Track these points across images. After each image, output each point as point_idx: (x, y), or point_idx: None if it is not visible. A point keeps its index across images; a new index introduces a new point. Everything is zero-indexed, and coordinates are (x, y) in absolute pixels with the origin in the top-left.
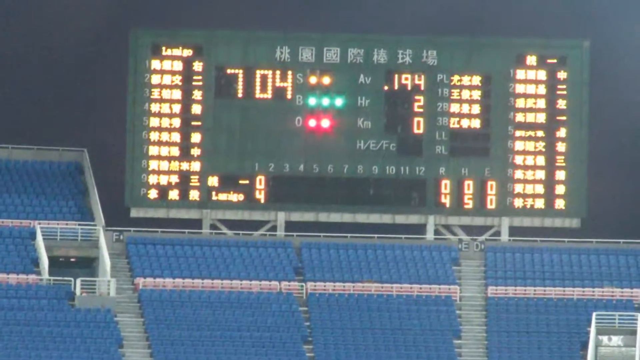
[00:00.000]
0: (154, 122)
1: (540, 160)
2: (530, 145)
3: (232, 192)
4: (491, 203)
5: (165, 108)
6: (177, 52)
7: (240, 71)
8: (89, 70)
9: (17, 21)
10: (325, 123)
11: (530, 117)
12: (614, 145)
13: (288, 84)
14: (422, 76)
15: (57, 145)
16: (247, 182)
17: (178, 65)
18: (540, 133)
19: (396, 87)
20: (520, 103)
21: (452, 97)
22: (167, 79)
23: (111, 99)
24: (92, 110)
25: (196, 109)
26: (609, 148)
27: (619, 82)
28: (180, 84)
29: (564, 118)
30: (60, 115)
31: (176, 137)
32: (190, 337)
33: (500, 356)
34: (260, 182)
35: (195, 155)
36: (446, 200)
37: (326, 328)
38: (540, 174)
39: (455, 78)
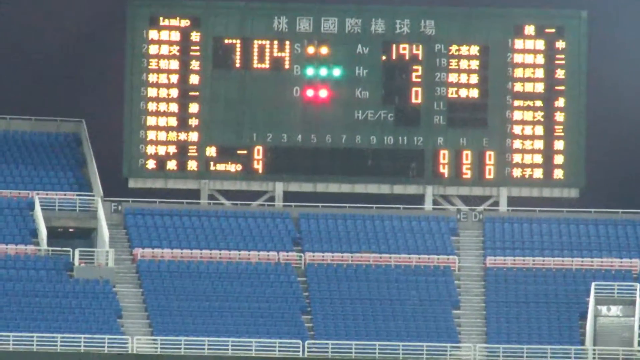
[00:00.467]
0: (151, 92)
1: (539, 130)
2: (528, 115)
3: (230, 163)
4: (489, 173)
5: (162, 78)
6: (174, 22)
7: (238, 42)
8: (87, 41)
9: None
10: (323, 93)
11: (529, 87)
12: (613, 115)
13: (286, 55)
14: (420, 46)
15: (55, 116)
16: (245, 152)
17: (176, 36)
18: (538, 103)
19: (394, 57)
20: (518, 73)
21: (450, 67)
22: (164, 50)
23: (109, 69)
24: (90, 81)
25: (194, 79)
26: (607, 118)
27: (616, 52)
28: (177, 54)
29: (562, 88)
30: (58, 86)
31: (174, 107)
32: (188, 307)
33: (498, 326)
34: (258, 153)
35: (193, 126)
36: (444, 171)
37: (324, 298)
38: (539, 144)
39: (454, 48)
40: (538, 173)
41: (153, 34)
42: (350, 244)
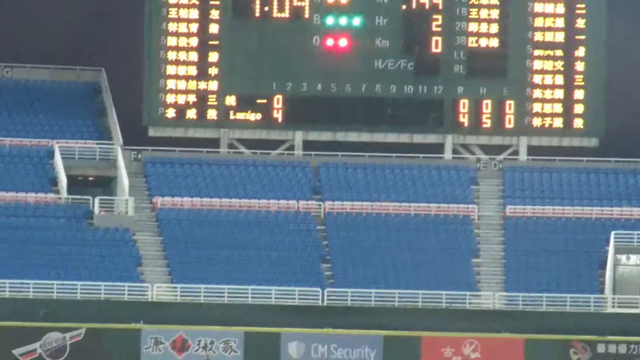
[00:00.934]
0: (171, 41)
1: (559, 80)
2: (548, 65)
3: (249, 112)
4: (509, 122)
5: (182, 27)
6: None
7: None
8: None
9: None
10: (343, 42)
11: (549, 37)
12: (633, 64)
13: (305, 4)
14: None
15: (75, 64)
16: (264, 101)
17: None
18: (558, 52)
19: (414, 6)
20: (538, 22)
21: (470, 17)
22: None
23: (129, 18)
24: (109, 30)
25: (213, 28)
26: (628, 67)
27: (637, 0)
28: (197, 3)
29: (582, 37)
30: (77, 34)
31: (193, 56)
32: (208, 256)
33: (518, 275)
34: (278, 102)
35: (213, 75)
36: (464, 120)
37: (344, 247)
38: (559, 93)
39: None
40: (558, 122)
41: None
42: (370, 193)
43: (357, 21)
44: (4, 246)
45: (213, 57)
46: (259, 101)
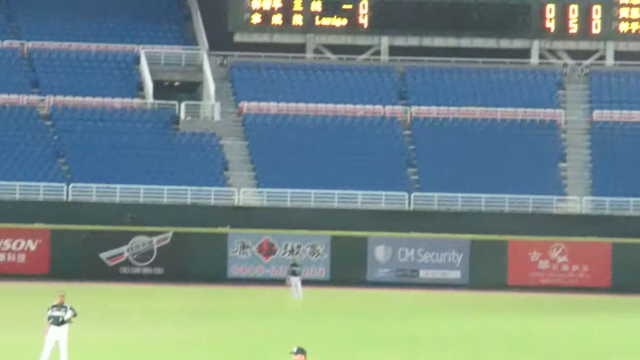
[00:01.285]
0: None
1: None
2: None
3: (335, 17)
4: (596, 27)
5: None
6: None
7: None
8: None
9: None
10: None
11: None
12: None
13: None
14: None
15: None
16: (350, 7)
17: None
18: None
19: None
20: None
21: None
22: None
23: None
24: None
25: None
26: None
27: None
28: None
29: None
30: None
31: None
32: (294, 160)
33: (605, 180)
34: (364, 7)
35: None
36: (551, 25)
37: (430, 152)
38: None
39: None
40: None
41: None
42: (456, 98)
43: None
44: (91, 151)
45: None
46: (344, 6)
